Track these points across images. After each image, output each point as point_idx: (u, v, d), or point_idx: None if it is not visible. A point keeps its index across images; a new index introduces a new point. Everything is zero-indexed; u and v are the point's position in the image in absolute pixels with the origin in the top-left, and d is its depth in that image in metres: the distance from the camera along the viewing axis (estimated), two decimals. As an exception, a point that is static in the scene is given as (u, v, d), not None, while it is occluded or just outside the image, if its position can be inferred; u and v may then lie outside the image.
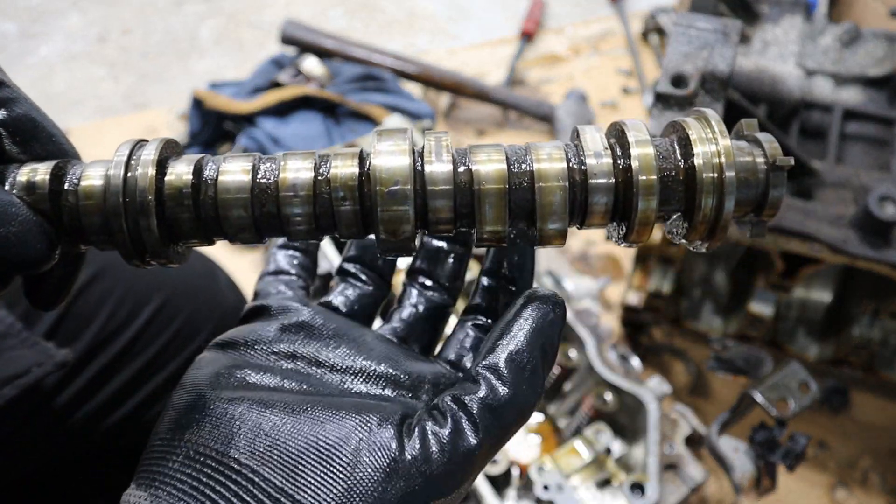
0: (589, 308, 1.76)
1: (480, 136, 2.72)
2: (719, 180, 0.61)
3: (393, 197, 0.60)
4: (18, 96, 0.66)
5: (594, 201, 0.62)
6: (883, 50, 1.93)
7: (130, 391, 1.37)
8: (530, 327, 0.64)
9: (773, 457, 1.47)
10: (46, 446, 1.30)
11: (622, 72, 2.97)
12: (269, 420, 0.61)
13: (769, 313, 1.82)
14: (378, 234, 0.62)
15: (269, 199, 0.62)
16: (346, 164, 0.62)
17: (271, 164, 0.64)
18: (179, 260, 0.66)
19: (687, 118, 0.65)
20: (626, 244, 0.65)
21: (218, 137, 2.53)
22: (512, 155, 0.64)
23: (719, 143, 0.61)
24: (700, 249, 0.66)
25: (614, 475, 1.57)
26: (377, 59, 2.68)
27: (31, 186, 0.61)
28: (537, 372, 0.64)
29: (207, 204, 0.62)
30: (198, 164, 0.63)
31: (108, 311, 1.35)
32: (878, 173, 1.73)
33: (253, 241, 0.65)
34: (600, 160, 0.62)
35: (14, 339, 1.15)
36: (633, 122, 0.64)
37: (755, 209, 0.65)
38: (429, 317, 0.79)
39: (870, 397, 2.02)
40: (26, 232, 0.58)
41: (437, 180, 0.62)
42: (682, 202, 0.63)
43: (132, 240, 0.61)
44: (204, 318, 1.51)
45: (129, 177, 0.61)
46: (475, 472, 0.62)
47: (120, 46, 3.31)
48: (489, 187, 0.62)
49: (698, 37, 1.43)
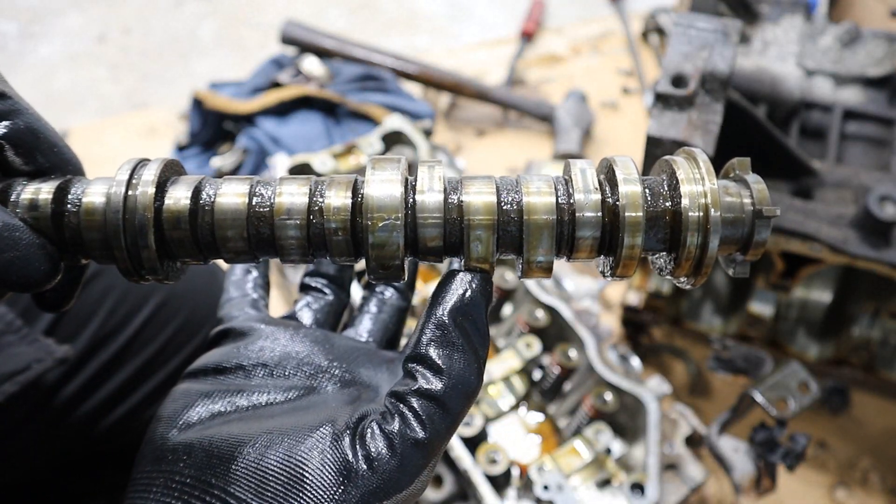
0: (589, 308, 1.76)
1: (480, 136, 2.72)
2: (704, 220, 0.62)
3: (383, 228, 0.62)
4: (21, 108, 0.67)
5: (581, 235, 0.64)
6: (883, 50, 1.94)
7: (131, 389, 1.37)
8: (448, 308, 0.65)
9: (773, 457, 1.47)
10: (48, 444, 1.30)
11: (622, 72, 2.97)
12: (239, 444, 0.63)
13: (769, 313, 1.82)
14: (368, 262, 0.64)
15: (265, 225, 0.64)
16: (339, 194, 0.64)
17: (267, 189, 0.65)
18: (175, 277, 0.68)
19: (677, 157, 0.66)
20: (614, 278, 0.67)
21: (218, 137, 2.53)
22: (503, 187, 0.65)
23: (706, 184, 0.63)
24: (686, 286, 0.67)
25: (614, 475, 1.57)
26: (377, 59, 2.68)
27: (34, 206, 0.64)
28: (466, 350, 0.64)
29: (204, 228, 0.65)
30: (196, 187, 0.65)
31: (108, 309, 1.35)
32: (878, 173, 1.73)
33: (248, 262, 0.68)
34: (589, 196, 0.64)
35: (14, 335, 1.16)
36: (622, 158, 0.65)
37: (741, 249, 0.66)
38: (389, 319, 0.84)
39: (870, 397, 2.02)
40: (30, 256, 0.61)
41: (428, 211, 0.64)
42: (668, 240, 0.65)
43: (130, 256, 0.63)
44: (203, 317, 1.51)
45: (129, 196, 0.63)
46: (430, 460, 0.64)
47: (120, 46, 3.31)
48: (479, 219, 0.64)
49: (698, 37, 1.43)
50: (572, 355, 1.66)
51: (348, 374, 0.73)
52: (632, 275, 0.66)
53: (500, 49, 3.10)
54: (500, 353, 1.72)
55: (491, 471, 1.50)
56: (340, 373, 0.73)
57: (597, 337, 1.69)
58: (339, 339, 0.78)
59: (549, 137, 2.70)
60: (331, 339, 0.78)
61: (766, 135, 1.66)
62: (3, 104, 0.65)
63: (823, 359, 1.91)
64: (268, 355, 0.74)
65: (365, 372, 0.74)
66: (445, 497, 1.55)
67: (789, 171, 1.72)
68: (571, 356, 1.65)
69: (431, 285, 1.81)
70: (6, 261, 0.59)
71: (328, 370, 0.73)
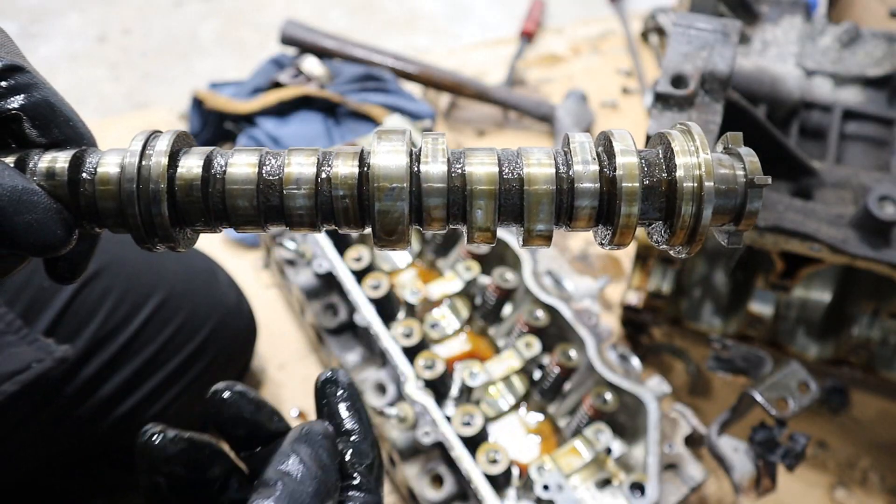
0: (589, 308, 1.76)
1: (480, 136, 2.72)
2: (698, 189, 0.65)
3: (389, 195, 0.64)
4: (37, 81, 0.69)
5: (580, 205, 0.66)
6: (882, 50, 1.94)
7: (131, 388, 1.37)
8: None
9: (772, 457, 1.47)
10: (48, 443, 1.30)
11: (622, 72, 2.98)
12: None
13: (769, 313, 1.82)
14: (374, 229, 0.66)
15: (274, 193, 0.66)
16: (346, 163, 0.66)
17: (276, 159, 0.67)
18: (187, 245, 0.70)
19: (672, 130, 0.69)
20: (611, 247, 0.69)
21: (218, 137, 2.53)
22: (504, 159, 0.68)
23: (700, 156, 0.65)
24: (681, 255, 0.70)
25: (614, 475, 1.57)
26: (377, 59, 2.68)
27: (51, 174, 0.65)
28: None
29: (216, 197, 0.66)
30: (208, 157, 0.67)
31: (108, 309, 1.35)
32: (878, 173, 1.73)
33: (257, 230, 0.69)
34: (587, 167, 0.66)
35: (14, 335, 1.16)
36: (620, 132, 0.68)
37: (734, 219, 0.68)
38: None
39: (870, 397, 2.02)
40: (47, 219, 0.62)
41: (432, 180, 0.66)
42: (664, 209, 0.67)
43: (144, 224, 0.65)
44: (204, 316, 1.51)
45: (142, 165, 0.65)
46: None
47: (120, 46, 3.31)
48: (481, 188, 0.66)
49: (698, 37, 1.43)
50: (572, 355, 1.66)
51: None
52: (628, 243, 0.68)
53: (500, 49, 3.10)
54: (500, 353, 1.72)
55: (491, 471, 1.50)
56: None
57: (597, 337, 1.69)
58: None
59: (549, 137, 2.70)
60: None
61: (765, 135, 1.66)
62: (21, 77, 0.67)
63: (823, 359, 1.91)
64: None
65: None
66: (445, 497, 1.55)
67: (789, 171, 1.72)
68: (571, 356, 1.65)
69: (431, 285, 1.81)
70: (25, 223, 0.61)
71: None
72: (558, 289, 1.84)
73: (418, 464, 1.60)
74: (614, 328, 2.04)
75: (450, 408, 1.68)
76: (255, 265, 2.25)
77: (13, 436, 1.22)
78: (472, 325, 1.83)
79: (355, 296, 1.75)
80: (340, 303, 1.84)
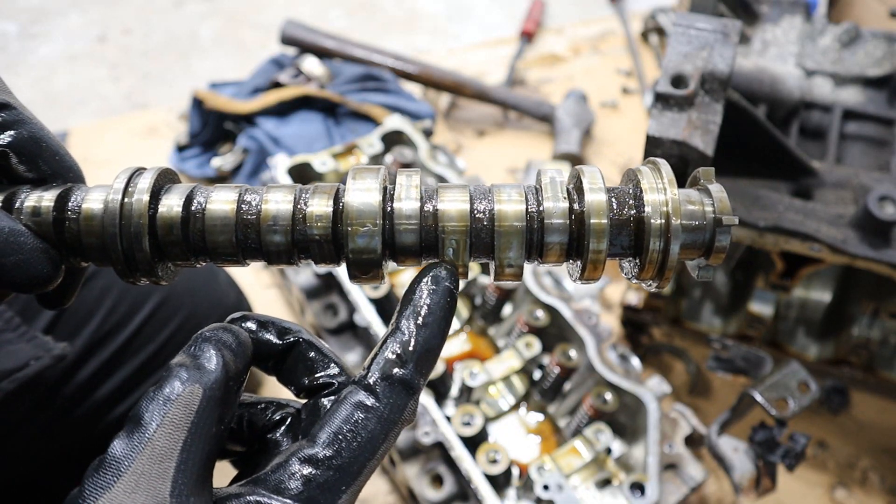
0: (589, 308, 1.76)
1: (480, 136, 2.72)
2: (666, 227, 0.67)
3: (363, 234, 0.67)
4: (25, 118, 0.72)
5: (550, 241, 0.69)
6: (882, 50, 1.94)
7: (130, 387, 1.37)
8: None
9: (772, 457, 1.47)
10: (47, 442, 1.30)
11: (622, 72, 2.98)
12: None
13: (769, 313, 1.82)
14: (349, 267, 0.68)
15: (252, 231, 0.69)
16: (321, 202, 0.69)
17: (255, 197, 0.70)
18: (169, 279, 0.73)
19: (643, 167, 0.71)
20: (582, 281, 0.71)
21: (218, 137, 2.53)
22: (476, 196, 0.70)
23: (668, 193, 0.67)
24: (651, 288, 0.71)
25: (614, 475, 1.57)
26: (377, 59, 2.68)
27: (37, 212, 0.68)
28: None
29: (196, 234, 0.69)
30: (188, 196, 0.69)
31: (108, 308, 1.35)
32: (878, 173, 1.73)
33: (236, 265, 0.72)
34: (557, 204, 0.68)
35: (12, 333, 1.16)
36: (590, 168, 0.70)
37: (703, 254, 0.70)
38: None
39: (870, 397, 2.02)
40: (34, 259, 0.66)
41: (404, 218, 0.68)
42: (632, 245, 0.69)
43: (126, 260, 0.68)
44: (204, 315, 1.51)
45: (125, 203, 0.67)
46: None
47: (120, 46, 3.31)
48: (452, 226, 0.68)
49: (698, 37, 1.43)
50: (572, 355, 1.66)
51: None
52: (598, 278, 0.70)
53: (500, 49, 3.10)
54: (500, 353, 1.72)
55: (491, 471, 1.50)
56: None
57: (597, 337, 1.69)
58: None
59: (549, 137, 2.70)
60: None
61: (765, 135, 1.66)
62: (8, 114, 0.70)
63: (823, 359, 1.91)
64: None
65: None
66: (445, 497, 1.55)
67: (789, 171, 1.72)
68: (571, 356, 1.65)
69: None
70: (11, 263, 0.65)
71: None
72: (558, 289, 1.84)
73: (418, 464, 1.60)
74: (614, 328, 2.03)
75: (450, 408, 1.68)
76: (254, 265, 2.25)
77: (12, 435, 1.22)
78: (472, 325, 1.83)
79: (355, 296, 1.75)
80: (340, 303, 1.84)
